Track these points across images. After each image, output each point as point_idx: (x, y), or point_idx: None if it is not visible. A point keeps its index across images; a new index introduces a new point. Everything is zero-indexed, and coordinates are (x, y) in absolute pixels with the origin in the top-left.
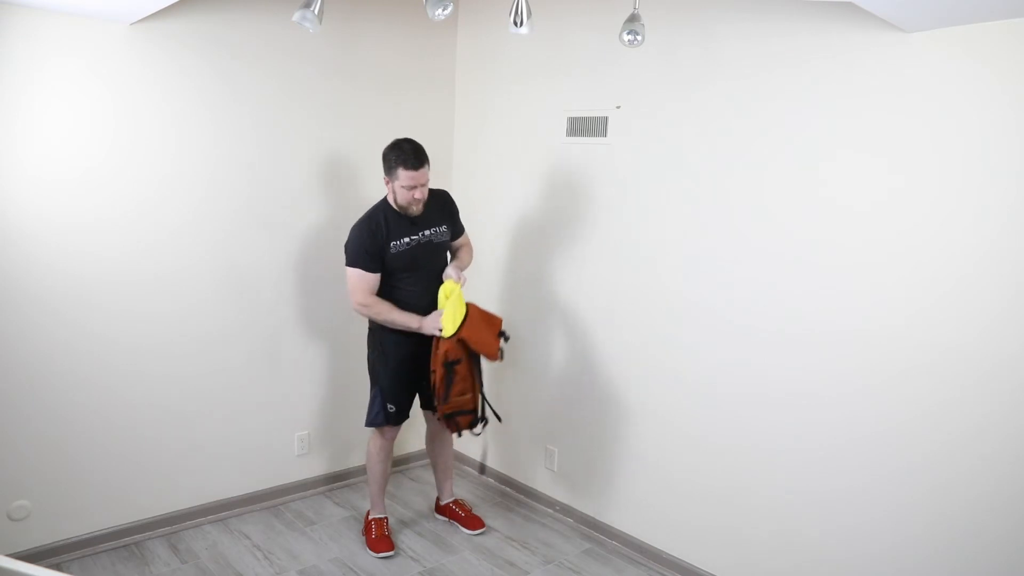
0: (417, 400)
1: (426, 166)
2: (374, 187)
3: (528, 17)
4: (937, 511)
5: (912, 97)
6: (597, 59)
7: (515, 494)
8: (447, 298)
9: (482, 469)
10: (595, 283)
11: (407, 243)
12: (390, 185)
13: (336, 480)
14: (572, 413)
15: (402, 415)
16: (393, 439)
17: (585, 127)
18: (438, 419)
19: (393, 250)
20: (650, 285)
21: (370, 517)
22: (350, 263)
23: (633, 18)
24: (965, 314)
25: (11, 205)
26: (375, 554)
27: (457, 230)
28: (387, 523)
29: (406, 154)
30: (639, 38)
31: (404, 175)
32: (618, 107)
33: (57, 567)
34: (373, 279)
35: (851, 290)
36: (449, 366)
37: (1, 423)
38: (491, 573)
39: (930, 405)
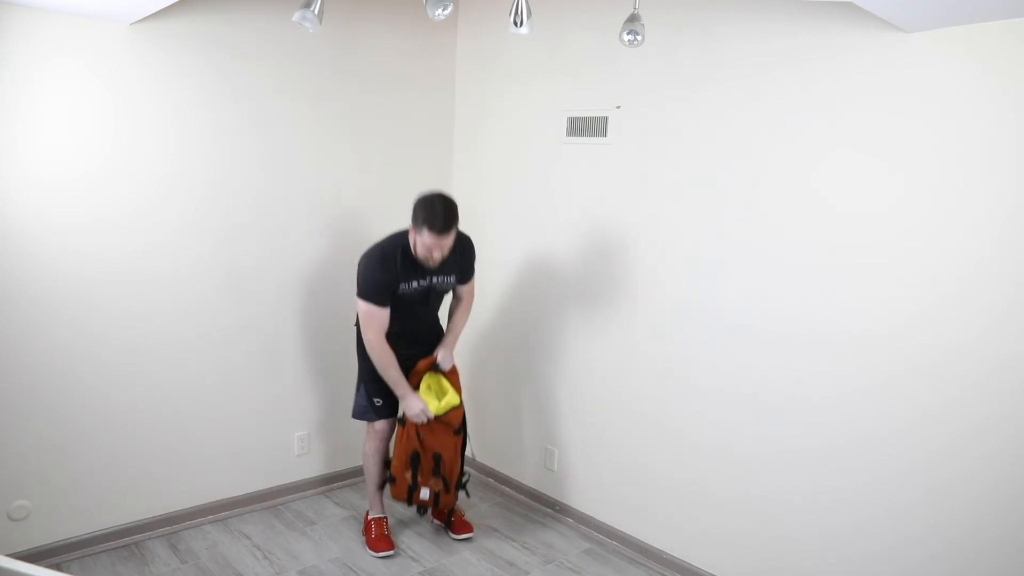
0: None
1: (453, 230)
2: (374, 188)
3: (528, 17)
4: (937, 511)
5: (912, 97)
6: (597, 59)
7: (515, 494)
8: (429, 388)
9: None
10: (595, 283)
11: (415, 287)
12: (412, 232)
13: (336, 480)
14: (572, 414)
15: (390, 408)
16: (387, 438)
17: (585, 127)
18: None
19: (401, 291)
20: (650, 285)
21: (370, 517)
22: (362, 296)
23: (633, 18)
24: (965, 314)
25: (11, 205)
26: (375, 554)
27: (465, 276)
28: (387, 523)
29: (435, 217)
30: (639, 38)
31: (428, 235)
32: (618, 107)
33: (57, 567)
34: (384, 314)
35: (851, 291)
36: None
37: (1, 423)
38: (491, 573)
39: (930, 405)
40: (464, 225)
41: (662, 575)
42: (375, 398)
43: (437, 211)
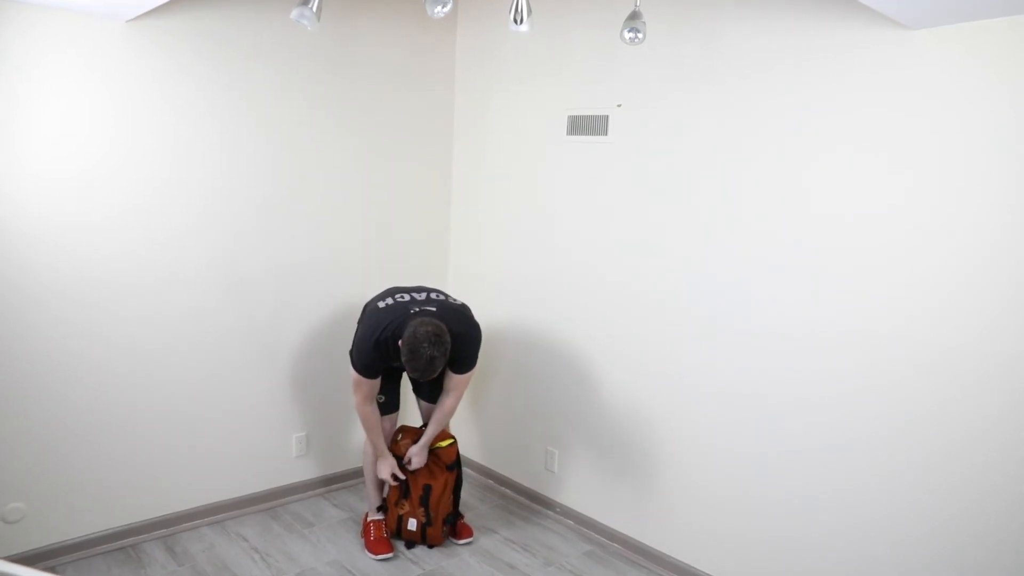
0: (410, 389)
1: (432, 376)
2: (375, 187)
3: (528, 15)
4: (939, 510)
5: (915, 95)
6: (598, 57)
7: (516, 496)
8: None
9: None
10: (595, 284)
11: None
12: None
13: (334, 482)
14: (573, 416)
15: (391, 404)
16: (388, 436)
17: (586, 125)
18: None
19: (395, 365)
20: (650, 286)
21: (368, 519)
22: (355, 368)
23: (634, 16)
24: (966, 315)
25: (8, 204)
26: (374, 556)
27: (460, 367)
28: (385, 524)
29: (415, 365)
30: (640, 36)
31: (408, 372)
32: (619, 105)
33: (52, 570)
34: (373, 383)
35: (854, 292)
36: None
37: None
38: (491, 575)
39: (930, 406)
40: (465, 226)
41: None
42: (378, 394)
43: (420, 361)
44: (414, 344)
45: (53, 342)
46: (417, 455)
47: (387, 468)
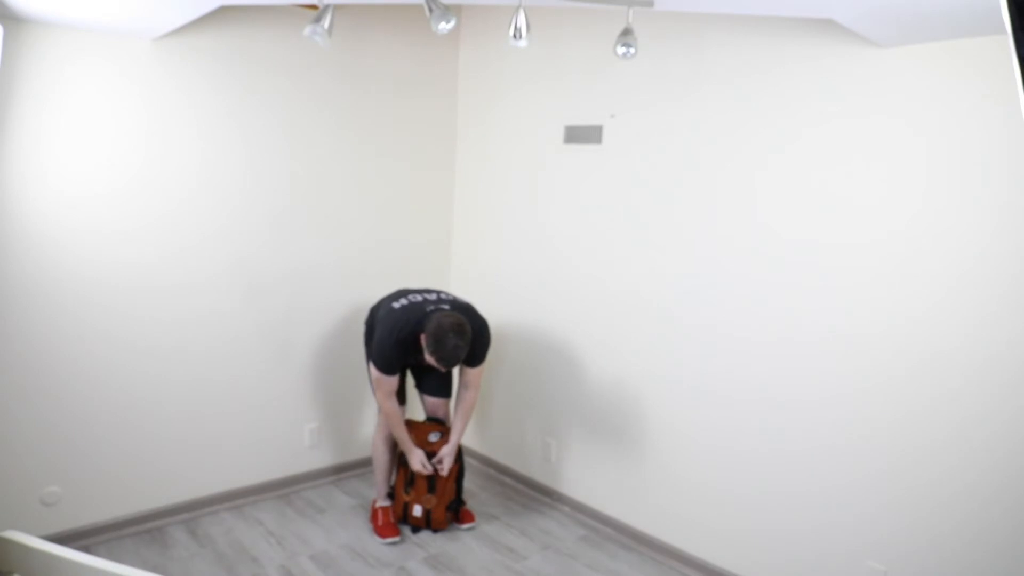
0: (412, 384)
1: (458, 365)
2: (384, 196)
3: (527, 31)
4: (935, 501)
5: (890, 105)
6: (593, 70)
7: (515, 484)
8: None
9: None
10: (592, 286)
11: (422, 360)
12: (424, 339)
13: (344, 471)
14: (569, 410)
15: (400, 397)
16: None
17: (581, 135)
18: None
19: (411, 363)
20: (644, 287)
21: (376, 505)
22: (375, 365)
23: (626, 32)
24: (953, 321)
25: (43, 219)
26: (382, 540)
27: (474, 361)
28: (392, 511)
29: (443, 355)
30: (632, 50)
31: (434, 362)
32: (612, 116)
33: (86, 550)
34: (394, 381)
35: (845, 296)
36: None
37: (38, 418)
38: (491, 558)
39: (916, 407)
40: (467, 230)
41: (653, 559)
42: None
43: (446, 350)
44: (440, 334)
45: (87, 347)
46: (448, 455)
47: (417, 459)
